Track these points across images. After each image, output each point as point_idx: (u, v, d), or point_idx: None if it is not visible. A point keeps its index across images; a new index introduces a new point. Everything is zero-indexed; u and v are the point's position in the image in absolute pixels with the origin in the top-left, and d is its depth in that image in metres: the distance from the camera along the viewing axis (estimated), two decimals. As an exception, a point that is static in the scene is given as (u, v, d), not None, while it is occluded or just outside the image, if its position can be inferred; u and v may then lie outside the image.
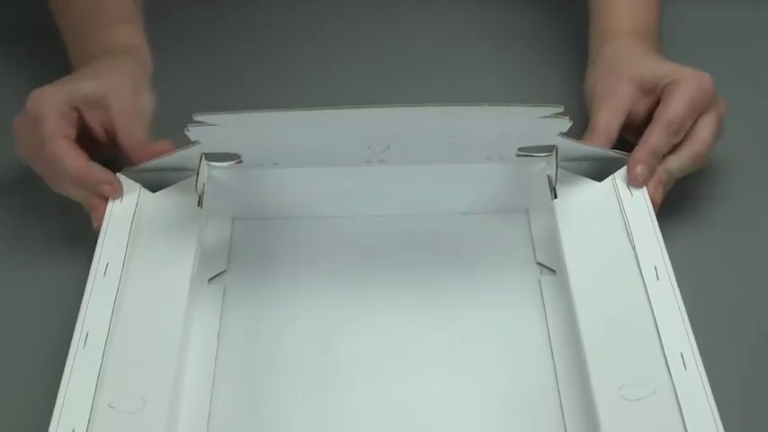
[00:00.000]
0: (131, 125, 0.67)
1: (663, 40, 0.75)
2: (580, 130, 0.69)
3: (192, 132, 0.59)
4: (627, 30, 0.74)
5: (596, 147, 0.66)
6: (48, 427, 0.51)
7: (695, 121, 0.67)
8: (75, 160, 0.65)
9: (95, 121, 0.68)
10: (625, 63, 0.71)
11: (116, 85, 0.68)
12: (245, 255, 0.66)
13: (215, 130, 0.59)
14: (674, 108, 0.66)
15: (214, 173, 0.66)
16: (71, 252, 0.67)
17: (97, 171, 0.65)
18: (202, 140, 0.61)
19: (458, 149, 0.64)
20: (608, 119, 0.68)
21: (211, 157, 0.65)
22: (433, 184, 0.67)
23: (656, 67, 0.69)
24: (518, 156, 0.65)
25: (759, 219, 0.71)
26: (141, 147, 0.66)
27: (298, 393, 0.58)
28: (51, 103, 0.66)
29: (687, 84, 0.67)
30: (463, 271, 0.65)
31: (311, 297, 0.63)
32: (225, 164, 0.65)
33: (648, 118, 0.68)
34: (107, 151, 0.69)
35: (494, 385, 0.58)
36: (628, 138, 0.69)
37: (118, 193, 0.65)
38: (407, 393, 0.58)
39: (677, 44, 0.78)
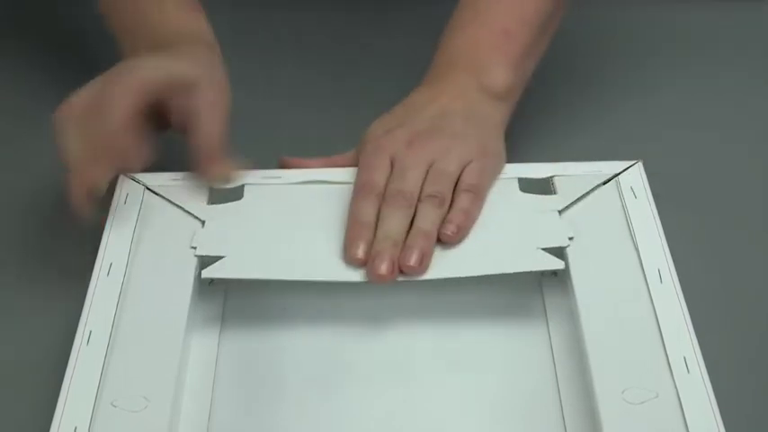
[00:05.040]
0: (214, 122, 0.64)
1: (661, 38, 0.72)
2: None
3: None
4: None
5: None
6: (50, 425, 0.51)
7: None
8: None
9: (173, 105, 0.64)
10: None
11: (209, 74, 0.64)
12: None
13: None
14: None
15: None
16: (75, 251, 0.67)
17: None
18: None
19: None
20: None
21: None
22: None
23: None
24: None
25: (763, 222, 0.71)
26: (216, 153, 0.63)
27: (298, 393, 0.58)
28: (127, 86, 0.61)
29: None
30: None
31: (312, 297, 0.63)
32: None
33: None
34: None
35: (495, 389, 0.58)
36: None
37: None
38: (408, 396, 0.58)
39: (678, 42, 0.78)
